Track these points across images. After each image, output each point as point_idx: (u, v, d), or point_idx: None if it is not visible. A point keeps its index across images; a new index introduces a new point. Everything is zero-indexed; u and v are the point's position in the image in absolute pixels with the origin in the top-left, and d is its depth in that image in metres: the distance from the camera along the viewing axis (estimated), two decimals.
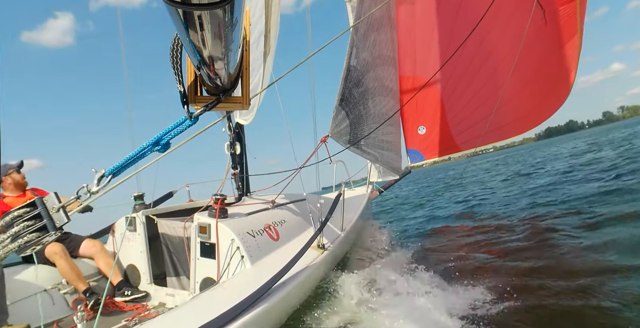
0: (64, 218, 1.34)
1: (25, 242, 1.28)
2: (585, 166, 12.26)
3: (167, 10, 0.94)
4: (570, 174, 11.12)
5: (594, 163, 12.57)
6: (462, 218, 8.33)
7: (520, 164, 22.79)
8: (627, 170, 9.18)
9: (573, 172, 11.55)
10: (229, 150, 4.52)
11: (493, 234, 5.74)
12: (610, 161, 11.79)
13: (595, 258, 3.91)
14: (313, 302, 3.05)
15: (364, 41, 4.49)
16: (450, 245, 5.72)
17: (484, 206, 9.14)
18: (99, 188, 1.39)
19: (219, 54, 1.19)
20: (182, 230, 3.32)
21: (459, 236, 6.33)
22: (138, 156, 1.52)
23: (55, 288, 3.14)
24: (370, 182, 7.08)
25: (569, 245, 4.44)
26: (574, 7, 6.82)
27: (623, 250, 3.98)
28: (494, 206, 8.92)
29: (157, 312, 3.07)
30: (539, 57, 7.37)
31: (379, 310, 3.01)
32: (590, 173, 10.45)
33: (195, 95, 1.51)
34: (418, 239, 6.40)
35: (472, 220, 7.88)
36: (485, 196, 11.14)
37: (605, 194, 6.87)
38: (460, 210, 9.49)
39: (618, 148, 16.33)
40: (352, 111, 4.20)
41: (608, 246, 4.14)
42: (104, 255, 3.52)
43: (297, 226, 3.82)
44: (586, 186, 8.30)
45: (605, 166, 11.04)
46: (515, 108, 7.60)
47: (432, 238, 6.67)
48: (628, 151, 13.97)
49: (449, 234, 6.76)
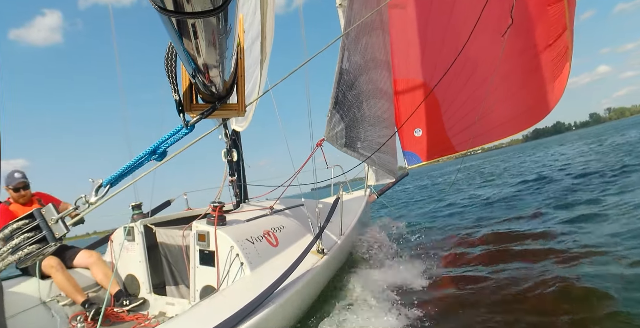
0: (63, 228, 1.34)
1: (26, 254, 1.28)
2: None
3: (161, 19, 0.94)
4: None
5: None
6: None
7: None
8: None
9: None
10: (226, 157, 4.51)
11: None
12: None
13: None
14: (315, 307, 3.05)
15: (355, 44, 4.50)
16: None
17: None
18: (97, 198, 1.39)
19: (213, 61, 1.19)
20: (180, 239, 3.31)
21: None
22: (135, 166, 1.52)
23: (54, 300, 3.12)
24: (368, 185, 7.09)
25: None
26: (563, 7, 6.89)
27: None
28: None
29: (158, 321, 3.05)
30: (529, 59, 7.48)
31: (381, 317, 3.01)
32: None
33: (190, 103, 1.51)
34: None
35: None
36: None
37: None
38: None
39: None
40: (347, 114, 4.21)
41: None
42: (101, 266, 3.50)
43: (296, 231, 3.82)
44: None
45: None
46: (509, 108, 7.68)
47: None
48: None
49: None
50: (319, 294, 3.20)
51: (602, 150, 17.44)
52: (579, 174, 10.25)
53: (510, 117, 7.87)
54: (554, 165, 15.73)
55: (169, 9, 0.87)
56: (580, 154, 18.03)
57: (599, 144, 22.33)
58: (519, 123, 8.14)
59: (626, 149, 14.54)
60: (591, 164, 12.15)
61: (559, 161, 17.58)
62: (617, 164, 10.56)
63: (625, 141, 19.54)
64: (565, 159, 17.74)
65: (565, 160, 16.98)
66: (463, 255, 4.81)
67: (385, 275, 3.94)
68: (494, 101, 7.29)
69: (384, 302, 3.26)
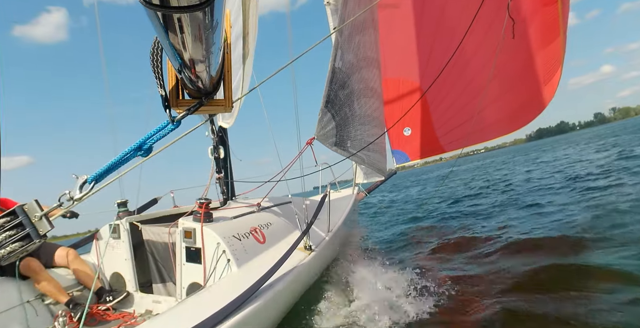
0: (47, 225, 1.32)
1: (9, 252, 1.26)
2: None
3: (146, 13, 0.93)
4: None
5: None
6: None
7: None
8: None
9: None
10: (213, 154, 4.48)
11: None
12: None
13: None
14: (301, 304, 3.05)
15: (348, 43, 4.50)
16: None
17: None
18: (81, 194, 1.37)
19: (200, 56, 1.18)
20: (167, 236, 3.29)
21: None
22: (120, 162, 1.50)
23: (39, 299, 3.07)
24: (356, 184, 7.10)
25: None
26: (556, 9, 6.92)
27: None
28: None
29: (144, 319, 3.03)
30: (521, 60, 7.47)
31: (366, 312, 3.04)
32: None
33: (177, 99, 1.50)
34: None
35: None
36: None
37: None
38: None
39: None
40: (338, 113, 4.20)
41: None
42: (79, 264, 3.43)
43: (284, 228, 3.81)
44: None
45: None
46: (498, 110, 7.71)
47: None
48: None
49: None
50: (305, 290, 3.20)
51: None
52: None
53: (498, 119, 7.92)
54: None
55: (154, 3, 0.86)
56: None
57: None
58: (506, 126, 8.19)
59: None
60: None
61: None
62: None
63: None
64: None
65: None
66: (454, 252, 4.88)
67: (372, 271, 3.97)
68: (485, 103, 7.31)
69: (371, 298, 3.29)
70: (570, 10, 7.15)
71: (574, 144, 32.57)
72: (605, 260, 3.68)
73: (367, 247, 5.62)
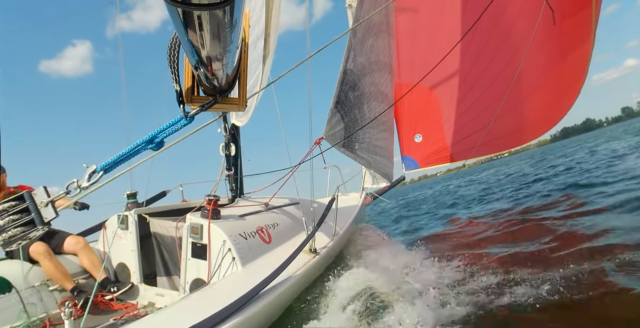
0: (52, 213, 1.32)
1: (10, 237, 1.25)
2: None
3: (167, 9, 0.94)
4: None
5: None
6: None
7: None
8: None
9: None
10: (224, 151, 4.51)
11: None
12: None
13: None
14: (303, 307, 3.05)
15: (361, 45, 4.50)
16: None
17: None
18: (89, 183, 1.38)
19: (217, 54, 1.19)
20: (174, 230, 3.31)
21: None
22: (131, 153, 1.51)
23: (44, 284, 3.11)
24: (364, 188, 7.08)
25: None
26: (590, 13, 6.56)
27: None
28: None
29: (147, 311, 3.05)
30: (543, 67, 7.18)
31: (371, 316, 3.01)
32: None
33: (192, 95, 1.52)
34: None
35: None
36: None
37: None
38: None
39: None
40: (348, 114, 4.20)
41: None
42: (88, 252, 3.47)
43: (290, 229, 3.82)
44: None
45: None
46: (513, 120, 7.47)
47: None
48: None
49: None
50: (308, 293, 3.20)
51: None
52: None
53: (517, 127, 7.67)
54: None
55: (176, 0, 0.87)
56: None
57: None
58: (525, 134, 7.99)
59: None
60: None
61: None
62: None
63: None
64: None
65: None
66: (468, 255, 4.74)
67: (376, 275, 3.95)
68: (503, 110, 7.06)
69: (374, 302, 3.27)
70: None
71: (613, 139, 26.52)
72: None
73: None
